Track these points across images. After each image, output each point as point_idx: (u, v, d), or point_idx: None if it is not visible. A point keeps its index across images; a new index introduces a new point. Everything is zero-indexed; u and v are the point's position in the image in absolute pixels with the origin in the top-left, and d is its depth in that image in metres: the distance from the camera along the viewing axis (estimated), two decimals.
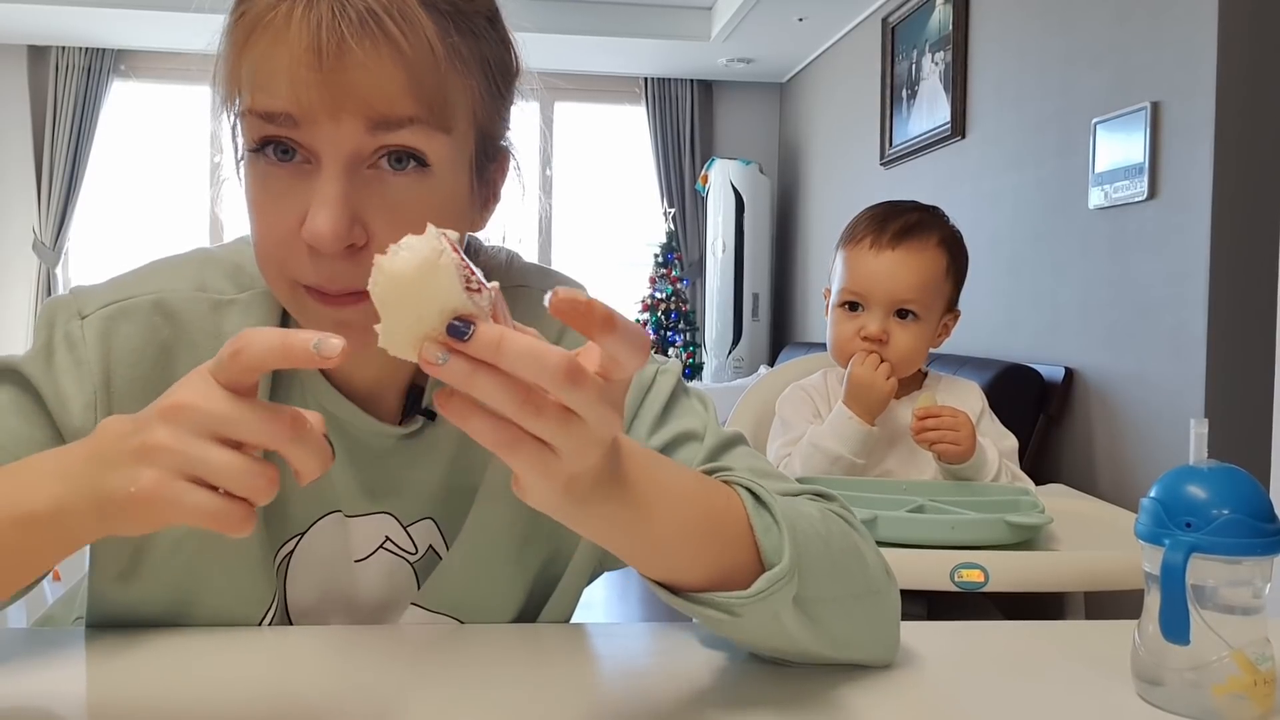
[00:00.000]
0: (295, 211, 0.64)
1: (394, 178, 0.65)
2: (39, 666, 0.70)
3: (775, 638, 0.66)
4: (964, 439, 1.45)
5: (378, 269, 0.46)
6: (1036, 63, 3.12)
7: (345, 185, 0.63)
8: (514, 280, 0.82)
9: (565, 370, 0.46)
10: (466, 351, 0.46)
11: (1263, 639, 0.63)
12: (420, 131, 0.64)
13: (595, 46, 5.36)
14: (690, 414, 0.81)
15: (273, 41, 0.62)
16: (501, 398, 0.46)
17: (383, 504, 0.79)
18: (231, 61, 0.65)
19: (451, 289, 0.46)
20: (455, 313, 0.46)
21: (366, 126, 0.63)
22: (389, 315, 0.46)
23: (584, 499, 0.53)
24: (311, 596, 0.80)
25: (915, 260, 1.52)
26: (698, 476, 0.65)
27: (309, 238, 0.63)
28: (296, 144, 0.64)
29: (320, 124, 0.63)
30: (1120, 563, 1.21)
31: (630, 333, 0.48)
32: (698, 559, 0.61)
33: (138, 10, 4.80)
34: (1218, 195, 2.29)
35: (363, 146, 0.64)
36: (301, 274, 0.66)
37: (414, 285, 0.45)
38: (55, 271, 5.51)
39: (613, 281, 5.77)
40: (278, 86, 0.62)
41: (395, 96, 0.63)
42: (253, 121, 0.64)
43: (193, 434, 0.50)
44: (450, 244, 0.46)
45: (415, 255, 0.46)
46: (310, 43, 0.61)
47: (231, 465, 0.50)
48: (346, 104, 0.62)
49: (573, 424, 0.48)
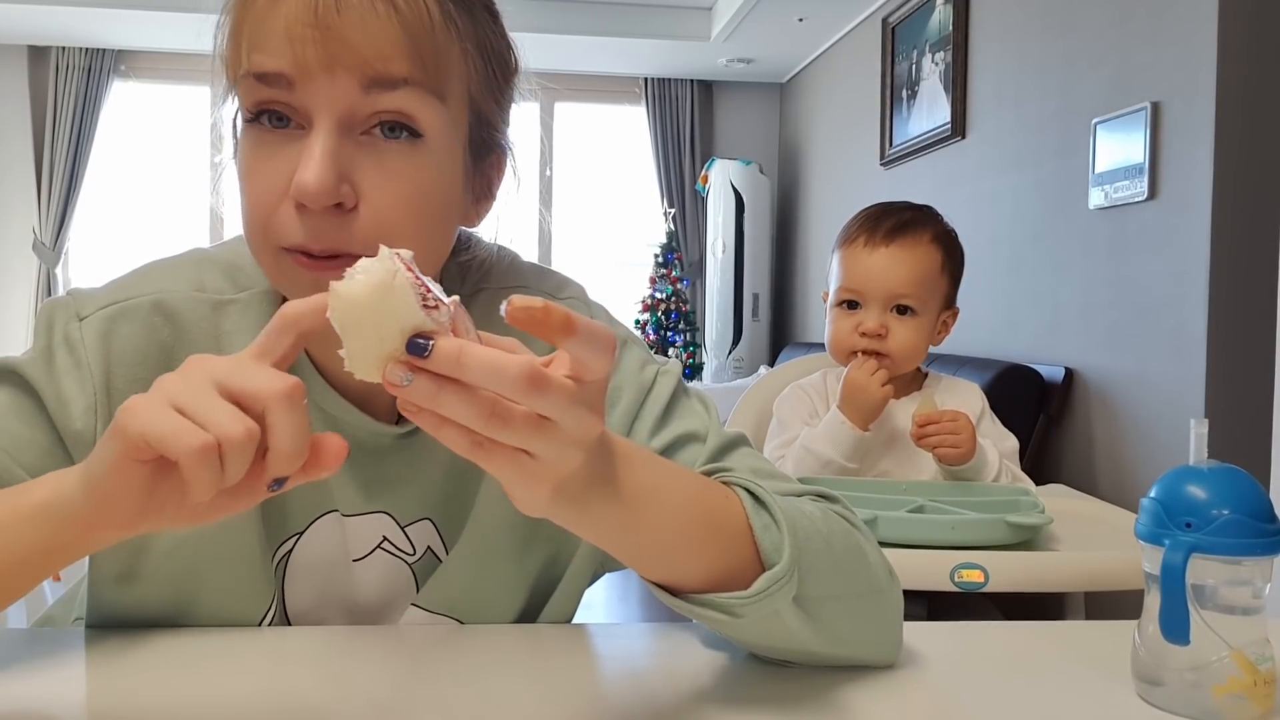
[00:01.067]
0: (284, 174, 0.65)
1: (386, 144, 0.66)
2: (39, 667, 0.70)
3: (776, 638, 0.66)
4: (964, 441, 1.45)
5: (334, 295, 0.47)
6: (1037, 63, 3.12)
7: (335, 142, 0.64)
8: (511, 281, 0.82)
9: (526, 379, 0.46)
10: (428, 367, 0.46)
11: (1263, 639, 0.63)
12: (414, 95, 0.65)
13: (595, 46, 5.36)
14: (692, 415, 0.80)
15: (271, 3, 0.63)
16: (467, 412, 0.46)
17: (380, 504, 0.79)
18: (230, 32, 0.67)
19: (409, 308, 0.46)
20: (415, 331, 0.46)
21: (361, 85, 0.63)
22: (350, 339, 0.47)
23: (576, 501, 0.53)
24: (310, 596, 0.80)
25: (910, 256, 1.54)
26: (696, 477, 0.65)
27: (295, 192, 0.63)
28: (290, 109, 0.65)
29: (315, 81, 0.63)
30: (1120, 563, 1.21)
31: (591, 334, 0.48)
32: (697, 560, 0.61)
33: (138, 10, 4.80)
34: (1218, 195, 2.29)
35: (357, 107, 0.64)
36: (287, 235, 0.65)
37: (371, 307, 0.46)
38: (55, 271, 5.51)
39: (613, 282, 5.76)
40: (275, 45, 0.63)
41: (391, 55, 0.63)
42: (249, 86, 0.65)
43: (194, 377, 0.51)
44: (404, 264, 0.47)
45: (370, 277, 0.46)
46: (310, 1, 0.62)
47: (216, 407, 0.50)
48: (342, 59, 0.63)
49: (546, 430, 0.48)
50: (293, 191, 0.63)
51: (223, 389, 0.50)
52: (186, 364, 0.52)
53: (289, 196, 0.64)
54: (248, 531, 0.75)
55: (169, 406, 0.50)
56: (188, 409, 0.50)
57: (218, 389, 0.50)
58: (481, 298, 0.81)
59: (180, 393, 0.50)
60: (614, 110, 6.08)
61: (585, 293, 0.86)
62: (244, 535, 0.75)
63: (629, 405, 0.79)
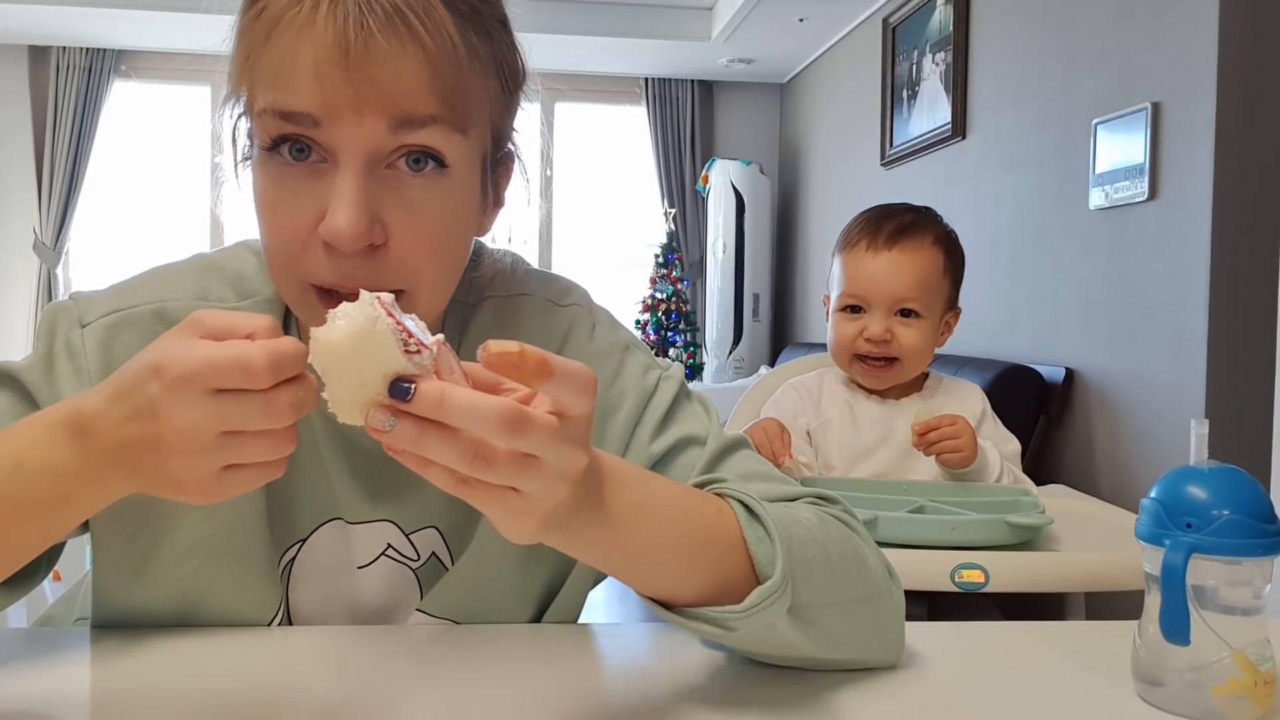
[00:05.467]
0: (310, 211, 0.64)
1: (412, 178, 0.65)
2: (40, 667, 0.70)
3: (774, 647, 0.66)
4: (965, 445, 1.45)
5: (315, 341, 0.47)
6: (1037, 63, 3.12)
7: (364, 183, 0.63)
8: (516, 289, 0.82)
9: (506, 421, 0.46)
10: (410, 411, 0.46)
11: (1263, 640, 0.63)
12: (440, 131, 0.64)
13: (595, 47, 5.36)
14: (693, 419, 0.80)
15: (296, 38, 0.61)
16: (450, 454, 0.47)
17: (384, 512, 0.79)
18: (248, 60, 0.64)
19: (389, 354, 0.46)
20: (396, 375, 0.47)
21: (389, 125, 0.62)
22: (331, 383, 0.47)
23: (564, 527, 0.53)
24: (314, 602, 0.80)
25: (912, 259, 1.53)
26: (688, 491, 0.65)
27: (329, 236, 0.62)
28: (313, 142, 0.63)
29: (343, 122, 0.62)
30: (1121, 563, 1.21)
31: (568, 375, 0.48)
32: (690, 574, 0.61)
33: (138, 10, 4.79)
34: (1218, 196, 2.29)
35: (383, 145, 0.63)
36: (316, 274, 0.65)
37: (352, 353, 0.46)
38: (56, 272, 5.51)
39: (613, 282, 5.76)
40: (300, 84, 0.61)
41: (419, 95, 0.62)
42: (269, 120, 0.63)
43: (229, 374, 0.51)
44: (385, 308, 0.47)
45: (351, 324, 0.47)
46: (337, 39, 0.60)
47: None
48: (371, 101, 0.61)
49: (530, 467, 0.48)
50: (325, 234, 0.62)
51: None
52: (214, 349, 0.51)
53: (317, 235, 0.63)
54: (254, 537, 0.75)
55: (215, 443, 0.50)
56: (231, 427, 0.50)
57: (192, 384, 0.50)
58: (487, 305, 0.80)
59: (229, 412, 0.50)
60: (614, 110, 6.08)
61: (589, 298, 0.86)
62: (250, 541, 0.75)
63: (631, 411, 0.79)
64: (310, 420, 0.76)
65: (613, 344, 0.82)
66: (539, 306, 0.82)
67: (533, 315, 0.81)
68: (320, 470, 0.77)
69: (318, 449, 0.77)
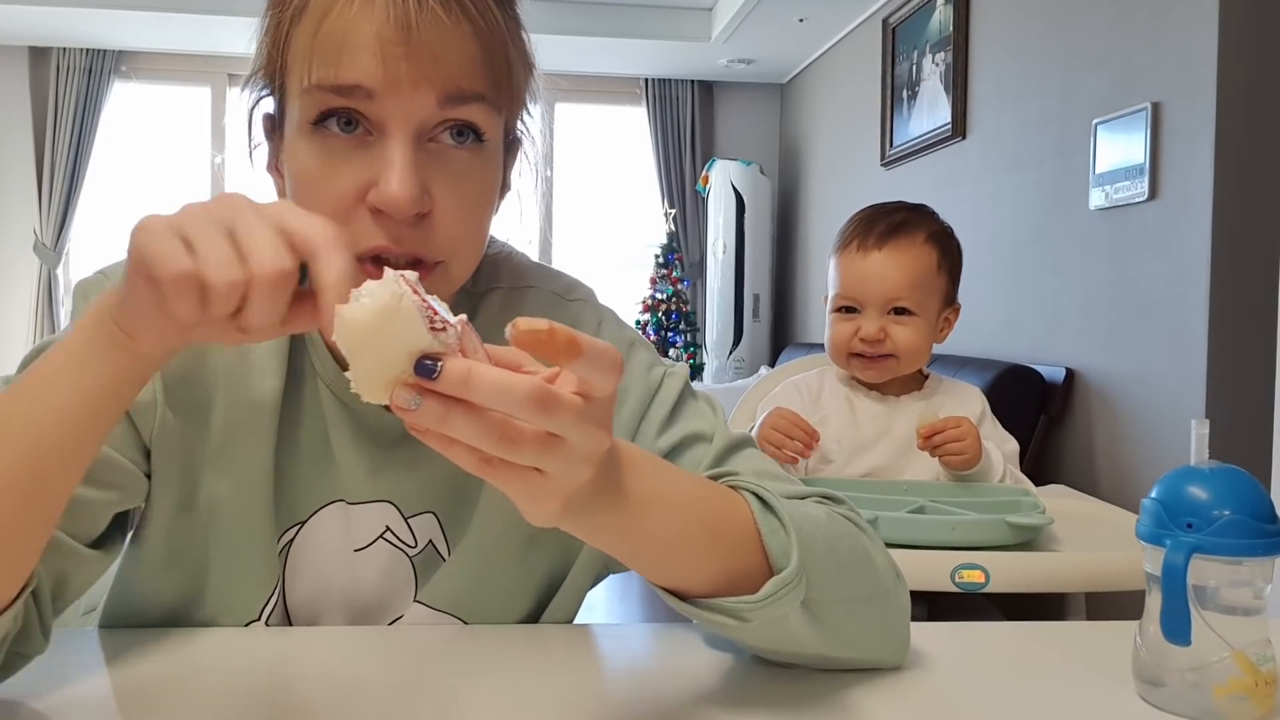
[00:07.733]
0: (358, 181, 0.66)
1: (454, 150, 0.68)
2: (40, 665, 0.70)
3: (783, 642, 0.66)
4: (969, 447, 1.45)
5: (339, 319, 0.47)
6: (1037, 63, 3.12)
7: (414, 153, 0.66)
8: (522, 281, 0.83)
9: (535, 399, 0.46)
10: (436, 389, 0.46)
11: (1264, 640, 0.63)
12: (483, 108, 0.67)
13: (596, 47, 5.36)
14: (698, 416, 0.81)
15: (356, 17, 0.64)
16: (476, 434, 0.46)
17: (385, 492, 0.79)
18: (295, 38, 0.67)
19: (415, 331, 0.46)
20: (422, 353, 0.46)
21: (439, 99, 0.65)
22: (356, 362, 0.47)
23: (582, 510, 0.53)
24: (311, 586, 0.80)
25: (903, 258, 1.54)
26: (702, 482, 0.65)
27: (382, 202, 0.64)
28: (362, 116, 0.66)
29: (399, 95, 0.64)
30: (1121, 563, 1.21)
31: (597, 354, 0.47)
32: (704, 565, 0.61)
33: (138, 11, 4.79)
34: (1218, 196, 2.29)
35: (429, 118, 0.66)
36: (365, 239, 0.66)
37: (377, 331, 0.46)
38: (56, 272, 5.51)
39: (613, 282, 5.76)
40: (360, 59, 0.64)
41: (472, 72, 0.66)
42: (319, 95, 0.65)
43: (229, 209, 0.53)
44: (410, 285, 0.47)
45: (376, 301, 0.46)
46: (400, 16, 0.63)
47: (217, 244, 0.51)
48: (428, 75, 0.64)
49: (555, 447, 0.48)
50: (377, 201, 0.65)
51: (275, 224, 0.51)
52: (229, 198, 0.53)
53: (363, 205, 0.66)
54: (257, 517, 0.76)
55: (172, 231, 0.51)
56: (190, 237, 0.51)
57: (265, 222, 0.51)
58: (493, 298, 0.81)
59: (191, 220, 0.52)
60: (614, 111, 6.08)
61: (594, 294, 0.86)
62: (253, 521, 0.76)
63: (636, 406, 0.80)
64: (321, 404, 0.78)
65: (618, 340, 0.83)
66: (546, 299, 0.83)
67: (539, 307, 0.82)
68: (327, 453, 0.78)
69: (326, 434, 0.78)
